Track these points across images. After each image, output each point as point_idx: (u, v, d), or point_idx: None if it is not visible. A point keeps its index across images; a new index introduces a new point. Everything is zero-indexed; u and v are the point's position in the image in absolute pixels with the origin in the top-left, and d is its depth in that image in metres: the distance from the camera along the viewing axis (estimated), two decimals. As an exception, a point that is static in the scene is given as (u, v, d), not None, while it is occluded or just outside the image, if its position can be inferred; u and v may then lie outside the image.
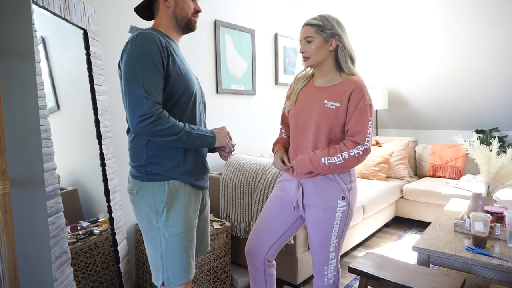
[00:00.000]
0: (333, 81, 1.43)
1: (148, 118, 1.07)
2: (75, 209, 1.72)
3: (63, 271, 1.35)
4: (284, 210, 1.53)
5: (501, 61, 3.39)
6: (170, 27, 1.28)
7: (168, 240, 1.18)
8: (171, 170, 1.19)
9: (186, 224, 1.20)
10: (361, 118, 1.34)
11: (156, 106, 1.09)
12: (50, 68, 1.58)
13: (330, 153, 1.35)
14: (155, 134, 1.10)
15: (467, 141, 2.07)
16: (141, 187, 1.20)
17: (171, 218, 1.18)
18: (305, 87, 1.50)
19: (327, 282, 1.47)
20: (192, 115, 1.25)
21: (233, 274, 2.26)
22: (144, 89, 1.07)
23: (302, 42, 1.42)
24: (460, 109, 3.94)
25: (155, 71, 1.10)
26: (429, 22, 3.56)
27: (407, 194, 3.39)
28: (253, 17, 3.04)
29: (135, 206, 1.23)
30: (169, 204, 1.18)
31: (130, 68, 1.10)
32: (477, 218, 1.69)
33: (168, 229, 1.17)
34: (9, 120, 1.11)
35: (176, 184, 1.20)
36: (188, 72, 1.25)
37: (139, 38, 1.13)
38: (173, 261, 1.18)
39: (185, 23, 1.29)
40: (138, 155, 1.21)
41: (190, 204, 1.23)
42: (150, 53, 1.10)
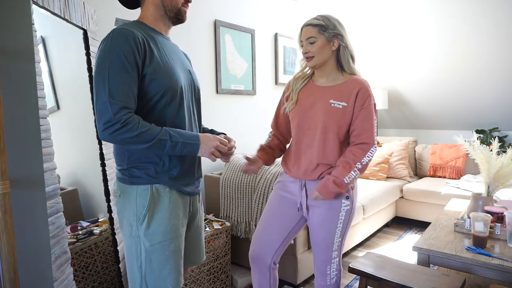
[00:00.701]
0: (336, 81, 1.43)
1: (113, 125, 0.98)
2: (75, 209, 1.72)
3: (63, 271, 1.35)
4: (287, 211, 1.51)
5: (501, 61, 3.39)
6: (157, 18, 1.17)
7: (148, 249, 1.09)
8: (155, 175, 1.11)
9: (169, 233, 1.11)
10: (367, 117, 1.37)
11: (123, 111, 0.99)
12: (50, 68, 1.58)
13: (346, 169, 1.35)
14: (123, 142, 1.01)
15: (467, 141, 2.06)
16: (124, 190, 1.12)
17: (152, 225, 1.09)
18: (306, 87, 1.49)
19: (329, 282, 1.46)
20: (178, 115, 1.15)
21: (233, 274, 2.26)
22: (109, 94, 0.98)
23: (304, 42, 1.41)
24: (460, 109, 3.94)
25: (125, 72, 1.01)
26: (429, 22, 3.56)
27: (407, 194, 3.39)
28: (253, 17, 3.04)
29: (118, 211, 1.15)
30: (151, 210, 1.09)
31: (98, 70, 1.02)
32: (477, 218, 1.69)
33: (149, 237, 1.09)
34: (9, 120, 1.11)
35: (161, 189, 1.11)
36: (172, 68, 1.13)
37: (112, 35, 1.04)
38: (152, 271, 1.10)
39: (174, 13, 1.17)
40: (120, 158, 1.13)
41: (176, 211, 1.14)
42: (121, 52, 1.01)
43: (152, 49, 1.09)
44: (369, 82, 4.84)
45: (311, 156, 1.42)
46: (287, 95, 1.54)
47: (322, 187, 1.37)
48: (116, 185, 1.16)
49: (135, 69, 1.03)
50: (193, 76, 1.28)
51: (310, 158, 1.42)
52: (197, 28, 2.55)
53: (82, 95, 1.76)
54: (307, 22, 1.42)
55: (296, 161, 1.47)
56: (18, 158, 1.15)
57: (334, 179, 1.35)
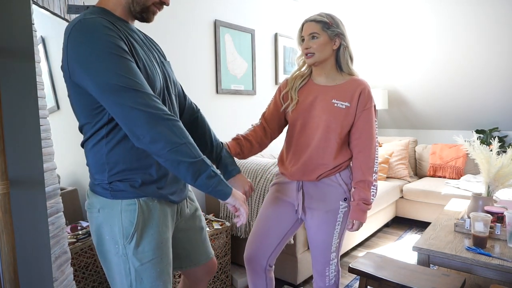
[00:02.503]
0: (336, 81, 1.41)
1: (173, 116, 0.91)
2: (75, 209, 1.72)
3: (63, 271, 1.35)
4: (283, 212, 1.49)
5: (501, 61, 3.39)
6: (122, 4, 0.98)
7: (138, 268, 0.98)
8: (141, 187, 0.99)
9: (159, 248, 1.01)
10: (369, 119, 1.38)
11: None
12: (50, 68, 1.58)
13: (366, 189, 1.37)
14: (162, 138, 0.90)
15: (467, 141, 2.06)
16: (105, 205, 0.98)
17: (142, 243, 0.98)
18: (305, 86, 1.46)
19: (328, 283, 1.46)
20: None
21: (233, 274, 2.26)
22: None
23: (306, 38, 1.37)
24: (460, 109, 3.94)
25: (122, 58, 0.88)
26: (429, 22, 3.56)
27: (407, 194, 3.39)
28: (253, 17, 3.04)
29: (97, 226, 1.00)
30: (140, 227, 0.97)
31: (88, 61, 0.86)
32: (477, 218, 1.69)
33: (139, 255, 0.98)
34: (9, 120, 1.11)
35: (149, 202, 1.00)
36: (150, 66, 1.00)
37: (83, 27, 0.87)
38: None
39: (140, 9, 0.99)
40: (98, 170, 0.99)
41: (165, 224, 1.04)
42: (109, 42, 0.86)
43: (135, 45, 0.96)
44: (369, 82, 4.83)
45: (311, 155, 1.40)
46: (284, 94, 1.49)
47: (356, 214, 1.37)
48: (91, 198, 1.02)
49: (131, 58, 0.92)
50: (167, 67, 1.13)
51: (310, 157, 1.40)
52: (197, 28, 2.55)
53: (82, 95, 1.75)
54: (310, 17, 1.39)
55: (295, 161, 1.44)
56: (18, 158, 1.15)
57: (362, 201, 1.36)
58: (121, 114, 0.88)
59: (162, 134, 0.89)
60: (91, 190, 1.03)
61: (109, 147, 0.96)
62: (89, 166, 1.03)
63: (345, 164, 1.42)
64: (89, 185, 1.05)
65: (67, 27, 0.91)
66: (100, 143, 0.97)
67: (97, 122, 0.95)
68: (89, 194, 1.04)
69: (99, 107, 0.93)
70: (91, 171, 1.02)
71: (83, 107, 0.95)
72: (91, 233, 1.04)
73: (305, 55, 1.39)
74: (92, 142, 0.98)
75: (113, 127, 0.96)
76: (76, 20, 0.90)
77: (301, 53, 1.43)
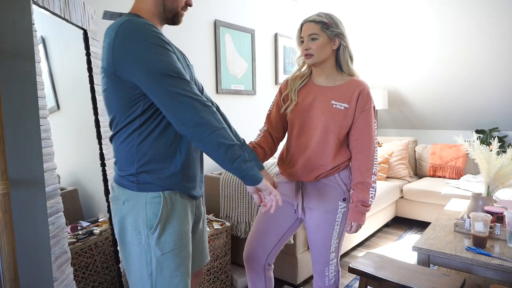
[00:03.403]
0: (336, 81, 1.41)
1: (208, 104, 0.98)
2: (75, 209, 1.72)
3: (63, 271, 1.35)
4: (283, 212, 1.49)
5: (501, 61, 3.39)
6: (154, 14, 1.08)
7: (159, 258, 1.04)
8: (167, 179, 1.04)
9: (180, 240, 1.07)
10: (367, 120, 1.37)
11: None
12: (50, 68, 1.58)
13: (365, 190, 1.36)
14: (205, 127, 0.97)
15: (467, 141, 2.07)
16: (130, 198, 1.04)
17: (165, 234, 1.04)
18: (305, 86, 1.45)
19: (328, 283, 1.46)
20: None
21: (233, 274, 2.26)
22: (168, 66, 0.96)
23: (306, 39, 1.37)
24: (460, 109, 3.94)
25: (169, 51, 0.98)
26: (430, 23, 3.56)
27: (407, 194, 3.39)
28: (253, 17, 3.04)
29: (120, 217, 1.06)
30: (164, 219, 1.03)
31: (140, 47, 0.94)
32: (477, 218, 1.69)
33: (161, 246, 1.03)
34: (9, 120, 1.11)
35: (173, 195, 1.06)
36: (183, 65, 1.11)
37: (132, 24, 0.95)
38: (163, 279, 1.05)
39: (172, 15, 1.11)
40: (127, 162, 1.04)
41: (186, 217, 1.10)
42: (156, 34, 0.97)
43: (170, 44, 1.03)
44: (369, 82, 4.83)
45: (309, 156, 1.40)
46: (284, 95, 1.49)
47: (354, 216, 1.36)
48: (117, 191, 1.07)
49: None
50: (192, 71, 1.21)
51: (308, 158, 1.40)
52: (197, 28, 2.55)
53: (82, 95, 1.76)
54: (309, 18, 1.38)
55: (294, 161, 1.44)
56: (18, 158, 1.15)
57: (361, 203, 1.36)
58: (170, 100, 0.95)
59: (205, 119, 0.96)
60: (116, 183, 1.08)
61: (140, 139, 1.02)
62: (117, 159, 1.08)
63: (344, 165, 1.41)
64: (115, 179, 1.10)
65: (110, 28, 0.99)
66: (132, 135, 1.03)
67: (131, 114, 1.01)
68: (115, 187, 1.09)
69: (135, 99, 0.99)
70: (119, 164, 1.07)
71: (120, 100, 1.01)
72: (114, 224, 1.10)
73: (304, 56, 1.39)
74: (124, 134, 1.04)
75: (146, 118, 1.02)
76: (120, 21, 0.97)
77: (301, 54, 1.43)
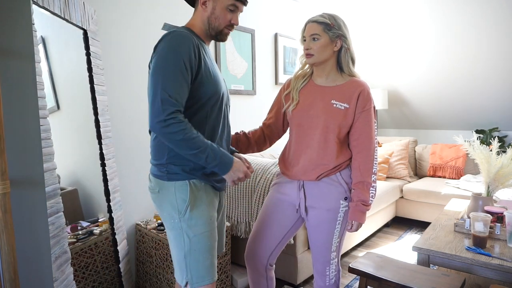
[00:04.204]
0: (336, 82, 1.42)
1: (163, 121, 1.04)
2: (75, 209, 1.72)
3: (63, 271, 1.35)
4: (284, 212, 1.50)
5: (501, 61, 3.39)
6: (202, 29, 1.25)
7: (192, 239, 1.16)
8: (191, 171, 1.18)
9: (209, 224, 1.19)
10: (367, 120, 1.38)
11: (175, 113, 1.06)
12: (50, 68, 1.58)
13: (365, 189, 1.37)
14: (168, 140, 1.09)
15: (467, 141, 2.07)
16: (162, 187, 1.19)
17: (194, 217, 1.16)
18: (306, 86, 1.47)
19: (328, 282, 1.46)
20: (217, 118, 1.25)
21: (233, 274, 2.26)
22: (167, 91, 1.05)
23: (307, 38, 1.38)
24: (460, 109, 3.94)
25: (181, 74, 1.08)
26: (429, 22, 3.56)
27: (407, 194, 3.39)
28: (253, 17, 3.04)
29: (158, 205, 1.22)
30: (192, 203, 1.17)
31: (158, 67, 1.08)
32: (477, 218, 1.69)
33: (192, 228, 1.16)
34: (9, 120, 1.11)
35: (198, 184, 1.19)
36: (217, 75, 1.24)
37: (173, 36, 1.11)
38: (197, 261, 1.17)
39: (215, 33, 1.25)
40: (159, 153, 1.19)
41: (212, 204, 1.23)
42: (180, 53, 1.08)
43: (203, 55, 1.17)
44: (369, 82, 4.83)
45: (311, 156, 1.41)
46: (286, 94, 1.51)
47: (355, 215, 1.37)
48: (153, 181, 1.22)
49: (189, 72, 1.10)
50: (225, 84, 1.35)
51: (309, 158, 1.41)
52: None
53: (82, 95, 1.76)
54: (312, 18, 1.39)
55: (295, 161, 1.45)
56: (18, 158, 1.15)
57: (361, 202, 1.36)
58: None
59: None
60: (152, 175, 1.23)
61: None
62: (152, 150, 1.22)
63: (346, 164, 1.42)
64: (151, 170, 1.24)
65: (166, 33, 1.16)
66: None
67: None
68: (151, 178, 1.24)
69: None
70: (153, 154, 1.22)
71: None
72: (158, 213, 1.26)
73: (305, 54, 1.41)
74: None
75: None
76: (172, 29, 1.16)
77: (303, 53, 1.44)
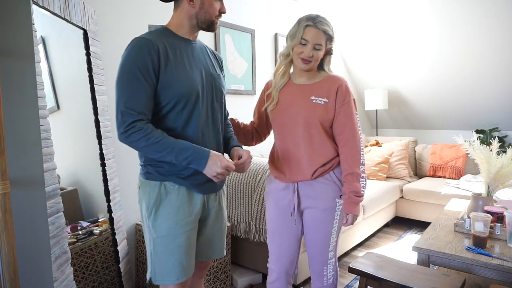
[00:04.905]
0: (315, 79, 1.43)
1: (125, 132, 1.08)
2: (75, 209, 1.72)
3: (63, 271, 1.35)
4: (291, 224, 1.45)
5: (501, 61, 3.39)
6: (185, 26, 1.22)
7: (155, 240, 1.19)
8: (165, 173, 1.18)
9: (173, 228, 1.18)
10: (349, 112, 1.40)
11: (136, 122, 1.08)
12: (50, 68, 1.59)
13: (355, 180, 1.37)
14: (136, 148, 1.13)
15: (467, 141, 2.06)
16: (141, 185, 1.23)
17: (158, 219, 1.18)
18: (285, 86, 1.46)
19: (326, 283, 1.46)
20: (191, 120, 1.19)
21: (233, 274, 2.26)
22: (124, 103, 1.08)
23: (310, 45, 1.34)
24: (460, 109, 3.94)
25: (138, 83, 1.09)
26: (429, 22, 3.56)
27: (407, 194, 3.39)
28: (253, 17, 3.04)
29: (139, 201, 1.26)
30: (157, 205, 1.18)
31: (117, 78, 1.11)
32: (477, 218, 1.69)
33: (156, 229, 1.19)
34: (9, 120, 1.11)
35: (169, 186, 1.19)
36: (188, 75, 1.18)
37: (131, 45, 1.12)
38: (159, 260, 1.20)
39: (206, 25, 1.24)
40: (140, 155, 1.24)
41: (183, 208, 1.20)
42: (134, 62, 1.09)
43: (169, 58, 1.14)
44: (369, 82, 4.81)
45: (300, 154, 1.40)
46: (268, 93, 1.50)
47: (349, 207, 1.37)
48: (138, 178, 1.27)
49: (147, 78, 1.10)
50: (216, 79, 1.30)
51: (299, 156, 1.40)
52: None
53: (82, 95, 1.76)
54: (319, 25, 1.34)
55: (286, 163, 1.43)
56: (18, 158, 1.15)
57: (353, 193, 1.36)
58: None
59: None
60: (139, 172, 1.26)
61: None
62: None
63: (337, 161, 1.42)
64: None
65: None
66: None
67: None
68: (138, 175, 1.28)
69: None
70: (138, 155, 1.25)
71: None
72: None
73: (302, 59, 1.37)
74: None
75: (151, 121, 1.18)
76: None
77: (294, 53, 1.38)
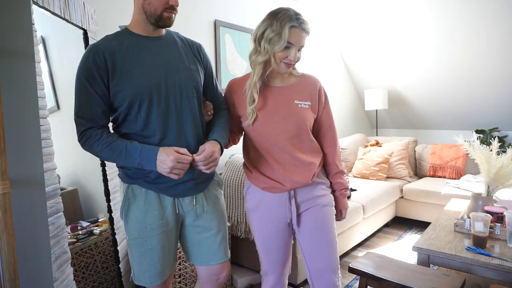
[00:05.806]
0: (290, 80, 1.36)
1: (80, 140, 1.14)
2: (75, 209, 1.72)
3: (63, 271, 1.35)
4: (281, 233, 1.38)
5: (501, 61, 3.39)
6: (140, 22, 1.17)
7: (128, 242, 1.24)
8: (133, 175, 1.20)
9: (143, 231, 1.19)
10: (330, 112, 1.44)
11: (86, 130, 1.13)
12: (50, 68, 1.59)
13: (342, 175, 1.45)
14: (90, 152, 1.17)
15: (467, 141, 2.06)
16: (119, 186, 1.28)
17: (129, 221, 1.21)
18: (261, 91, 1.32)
19: None
20: (150, 121, 1.15)
21: (233, 274, 2.26)
22: (76, 113, 1.14)
23: (295, 48, 1.26)
24: (460, 109, 3.94)
25: (85, 90, 1.11)
26: (429, 22, 3.56)
27: (407, 194, 3.39)
28: (253, 17, 3.04)
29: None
30: (126, 208, 1.21)
31: (74, 87, 1.15)
32: (477, 218, 1.69)
33: (127, 231, 1.23)
34: (9, 120, 1.11)
35: (137, 189, 1.21)
36: (139, 75, 1.13)
37: (84, 53, 1.15)
38: (134, 262, 1.24)
39: (154, 19, 1.15)
40: None
41: (152, 212, 1.19)
42: (80, 70, 1.12)
43: (116, 61, 1.12)
44: (369, 82, 4.82)
45: (292, 160, 1.32)
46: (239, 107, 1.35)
47: (342, 203, 1.46)
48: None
49: (96, 85, 1.12)
50: (183, 72, 1.20)
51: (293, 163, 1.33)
52: (197, 28, 2.55)
53: (82, 95, 1.75)
54: (303, 26, 1.25)
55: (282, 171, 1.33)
56: (18, 158, 1.15)
57: (344, 190, 1.45)
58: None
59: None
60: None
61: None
62: None
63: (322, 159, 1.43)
64: None
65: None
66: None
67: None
68: None
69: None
70: None
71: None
72: None
73: (285, 64, 1.27)
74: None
75: (115, 126, 1.24)
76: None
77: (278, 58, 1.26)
